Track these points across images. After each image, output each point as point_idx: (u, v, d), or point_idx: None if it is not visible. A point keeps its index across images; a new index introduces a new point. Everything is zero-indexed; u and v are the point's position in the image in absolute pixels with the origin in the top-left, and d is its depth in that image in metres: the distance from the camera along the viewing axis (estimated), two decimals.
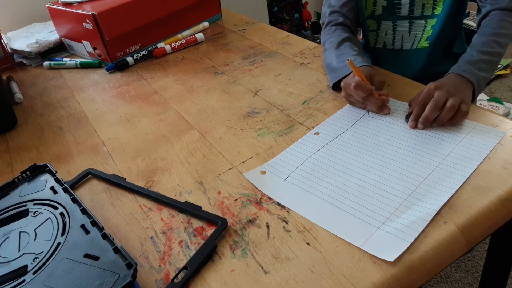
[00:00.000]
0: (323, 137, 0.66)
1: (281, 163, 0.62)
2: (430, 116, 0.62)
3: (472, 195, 0.51)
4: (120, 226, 0.56)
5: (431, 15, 0.85)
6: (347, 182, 0.56)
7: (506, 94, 1.93)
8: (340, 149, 0.63)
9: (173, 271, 0.48)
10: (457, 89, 0.64)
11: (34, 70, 1.13)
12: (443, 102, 0.62)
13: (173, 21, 1.15)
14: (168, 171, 0.65)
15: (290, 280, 0.45)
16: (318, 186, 0.57)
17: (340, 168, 0.59)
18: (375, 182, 0.56)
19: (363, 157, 0.61)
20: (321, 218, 0.52)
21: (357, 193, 0.54)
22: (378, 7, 0.88)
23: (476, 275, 1.19)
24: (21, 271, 0.47)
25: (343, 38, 0.82)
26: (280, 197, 0.56)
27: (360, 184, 0.56)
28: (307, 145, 0.65)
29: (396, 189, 0.54)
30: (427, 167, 0.56)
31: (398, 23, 0.88)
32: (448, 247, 0.46)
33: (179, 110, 0.82)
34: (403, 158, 0.59)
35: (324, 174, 0.59)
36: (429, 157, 0.58)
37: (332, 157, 0.62)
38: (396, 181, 0.55)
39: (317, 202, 0.54)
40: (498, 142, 0.58)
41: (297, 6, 2.37)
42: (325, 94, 0.78)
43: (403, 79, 0.78)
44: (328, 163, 0.61)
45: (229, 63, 0.98)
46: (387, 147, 0.62)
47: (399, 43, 0.91)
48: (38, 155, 0.75)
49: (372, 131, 0.66)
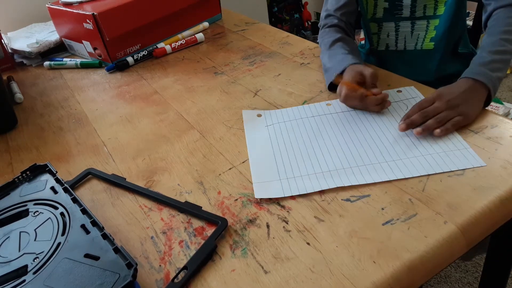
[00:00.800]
0: (332, 108, 0.72)
1: (278, 113, 0.73)
2: (432, 125, 0.61)
3: (472, 195, 0.51)
4: (120, 226, 0.56)
5: (433, 15, 0.85)
6: (310, 152, 0.63)
7: (506, 94, 1.93)
8: (338, 122, 0.69)
9: (173, 271, 0.49)
10: (464, 99, 0.63)
11: (34, 70, 1.13)
12: (437, 113, 0.62)
13: (173, 21, 1.15)
14: (168, 171, 0.65)
15: (290, 280, 0.45)
16: (283, 143, 0.65)
17: (324, 137, 0.66)
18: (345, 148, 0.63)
19: (349, 134, 0.66)
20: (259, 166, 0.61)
21: (319, 157, 0.62)
22: (379, 10, 0.88)
23: (476, 275, 1.19)
24: (21, 271, 0.47)
25: (335, 39, 0.83)
26: (250, 142, 0.66)
27: (329, 151, 0.63)
28: (311, 110, 0.73)
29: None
30: (392, 155, 0.60)
31: (401, 24, 0.88)
32: (448, 247, 0.46)
33: (179, 110, 0.82)
34: (378, 140, 0.63)
35: (300, 137, 0.66)
36: (402, 149, 0.61)
37: (321, 126, 0.68)
38: (359, 151, 0.62)
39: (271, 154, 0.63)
40: (469, 167, 0.56)
41: (297, 6, 2.37)
42: (325, 94, 0.78)
43: (403, 79, 0.78)
44: (314, 131, 0.67)
45: (229, 63, 0.98)
46: (372, 131, 0.66)
47: (402, 43, 0.91)
48: (38, 155, 0.75)
49: (369, 117, 0.70)
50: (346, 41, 0.83)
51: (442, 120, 0.61)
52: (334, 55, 0.79)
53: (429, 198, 0.52)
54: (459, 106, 0.62)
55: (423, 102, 0.64)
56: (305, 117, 0.71)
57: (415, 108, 0.64)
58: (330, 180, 0.57)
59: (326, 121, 0.69)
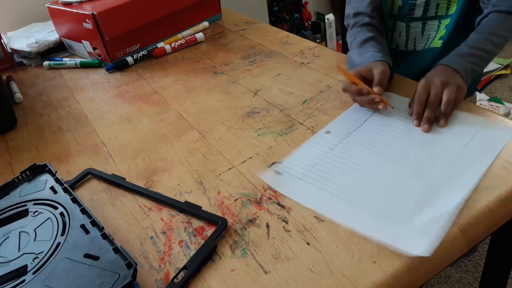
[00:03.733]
0: (335, 136, 0.66)
1: (295, 162, 0.62)
2: (431, 115, 0.63)
3: (472, 195, 0.51)
4: (120, 226, 0.56)
5: (445, 15, 0.84)
6: (363, 180, 0.56)
7: (506, 94, 1.93)
8: (352, 147, 0.63)
9: (173, 271, 0.48)
10: (448, 77, 0.65)
11: (34, 70, 1.13)
12: (440, 97, 0.63)
13: (173, 21, 1.15)
14: (168, 171, 0.65)
15: (290, 280, 0.45)
16: (334, 185, 0.56)
17: (354, 167, 0.59)
18: (390, 179, 0.56)
19: (376, 155, 0.60)
20: (343, 217, 0.51)
21: (376, 190, 0.54)
22: (395, 7, 0.88)
23: (476, 275, 1.19)
24: (21, 271, 0.46)
25: (368, 37, 0.81)
26: (298, 197, 0.55)
27: (376, 181, 0.56)
28: (319, 144, 0.65)
29: (416, 185, 0.54)
30: (441, 164, 0.57)
31: (412, 25, 0.88)
32: (448, 247, 0.46)
33: (179, 110, 0.82)
34: (415, 155, 0.59)
35: (339, 172, 0.58)
36: (443, 153, 0.58)
37: (346, 155, 0.61)
38: (412, 176, 0.55)
39: (336, 201, 0.54)
40: (510, 140, 0.58)
41: (297, 6, 2.36)
42: (325, 94, 0.78)
43: (403, 79, 0.78)
44: (342, 162, 0.60)
45: (229, 63, 0.97)
46: (398, 144, 0.62)
47: (412, 44, 0.91)
48: (38, 155, 0.75)
49: (382, 128, 0.66)
50: (378, 40, 0.82)
51: (449, 103, 0.62)
52: (364, 52, 0.78)
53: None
54: (450, 82, 0.64)
55: (422, 95, 0.64)
56: (319, 157, 0.62)
57: (418, 103, 0.64)
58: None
59: (345, 152, 0.62)
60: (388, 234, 0.48)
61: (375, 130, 0.66)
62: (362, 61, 0.76)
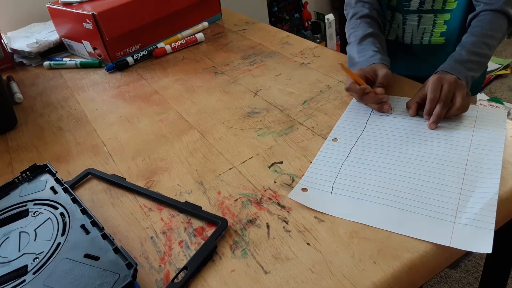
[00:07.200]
0: (344, 142, 0.64)
1: (317, 176, 0.58)
2: (442, 112, 0.63)
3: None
4: (120, 226, 0.56)
5: (441, 9, 0.84)
6: (394, 182, 0.55)
7: (506, 94, 1.93)
8: (367, 150, 0.62)
9: (173, 271, 0.48)
10: (457, 84, 0.65)
11: (34, 70, 1.13)
12: (451, 97, 0.64)
13: (173, 21, 1.15)
14: (168, 171, 0.65)
15: (290, 280, 0.45)
16: (368, 191, 0.54)
17: (379, 169, 0.58)
18: (422, 176, 0.55)
19: (395, 155, 0.60)
20: (392, 224, 0.49)
21: (411, 190, 0.53)
22: None
23: (476, 275, 1.19)
24: (21, 271, 0.46)
25: (367, 33, 0.81)
26: (336, 211, 0.52)
27: (407, 181, 0.55)
28: (333, 154, 0.62)
29: (446, 179, 0.54)
30: (461, 153, 0.57)
31: (408, 17, 0.88)
32: (449, 247, 0.46)
33: (179, 110, 0.82)
34: (433, 148, 0.59)
35: (366, 177, 0.57)
36: (457, 143, 0.59)
37: (365, 159, 0.60)
38: (440, 171, 0.55)
39: (377, 208, 0.52)
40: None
41: (297, 6, 2.37)
42: (325, 94, 0.78)
43: (403, 79, 0.78)
44: (365, 166, 0.59)
45: (229, 63, 0.98)
46: (412, 141, 0.62)
47: (409, 37, 0.90)
48: (38, 155, 0.75)
49: (387, 128, 0.66)
50: (377, 37, 0.82)
51: (460, 108, 0.63)
52: (364, 50, 0.78)
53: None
54: (462, 87, 0.65)
55: (435, 92, 0.64)
56: (338, 167, 0.60)
57: (431, 102, 0.64)
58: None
59: (362, 157, 0.61)
60: (445, 236, 0.47)
61: (380, 131, 0.66)
62: (362, 61, 0.76)
